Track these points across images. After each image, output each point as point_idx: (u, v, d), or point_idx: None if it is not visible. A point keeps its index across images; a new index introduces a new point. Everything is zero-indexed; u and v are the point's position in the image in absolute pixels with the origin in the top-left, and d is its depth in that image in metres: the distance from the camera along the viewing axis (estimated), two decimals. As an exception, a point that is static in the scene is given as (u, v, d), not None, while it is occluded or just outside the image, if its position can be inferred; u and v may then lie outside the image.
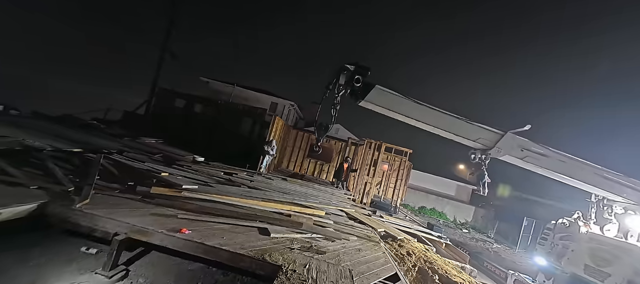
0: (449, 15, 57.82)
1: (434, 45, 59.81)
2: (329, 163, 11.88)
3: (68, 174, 2.87)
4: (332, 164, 11.89)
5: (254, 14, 51.82)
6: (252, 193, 4.14)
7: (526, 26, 51.85)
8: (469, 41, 56.27)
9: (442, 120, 3.01)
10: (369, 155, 8.46)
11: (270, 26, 55.72)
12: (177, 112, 11.49)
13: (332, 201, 5.46)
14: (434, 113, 3.00)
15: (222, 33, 45.67)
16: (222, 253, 2.25)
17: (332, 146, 12.01)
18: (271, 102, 17.47)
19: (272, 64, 57.90)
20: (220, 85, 16.79)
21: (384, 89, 3.01)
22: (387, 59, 56.16)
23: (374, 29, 63.25)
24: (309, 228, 3.38)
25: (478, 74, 54.39)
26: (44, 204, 2.15)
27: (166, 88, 12.07)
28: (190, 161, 5.70)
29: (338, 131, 17.72)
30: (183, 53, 13.68)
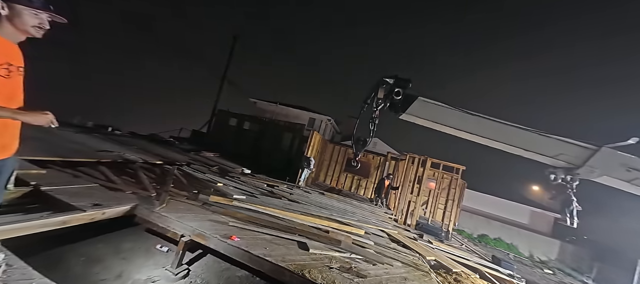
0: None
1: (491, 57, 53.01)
2: (367, 178, 11.44)
3: (152, 181, 3.53)
4: (370, 179, 11.42)
5: (298, 43, 56.70)
6: (292, 206, 4.28)
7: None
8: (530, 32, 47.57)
9: (503, 133, 2.59)
10: (411, 171, 7.80)
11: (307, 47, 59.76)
12: (230, 129, 13.06)
13: (372, 220, 5.18)
14: (492, 125, 2.63)
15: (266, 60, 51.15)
16: (266, 263, 2.35)
17: (370, 161, 11.60)
18: (309, 118, 18.26)
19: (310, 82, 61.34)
20: (265, 104, 18.53)
21: (427, 100, 2.83)
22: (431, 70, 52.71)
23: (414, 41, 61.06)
24: (347, 246, 3.27)
25: (545, 72, 45.13)
26: (134, 206, 2.67)
27: (223, 109, 13.96)
28: (239, 173, 6.31)
29: (376, 145, 17.10)
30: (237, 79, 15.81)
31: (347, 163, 11.65)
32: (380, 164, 11.27)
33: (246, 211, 3.39)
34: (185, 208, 2.99)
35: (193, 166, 5.44)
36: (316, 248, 2.88)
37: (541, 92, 43.24)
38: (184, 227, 2.52)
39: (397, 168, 9.64)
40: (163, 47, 38.20)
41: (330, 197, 6.39)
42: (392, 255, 3.45)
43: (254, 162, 9.83)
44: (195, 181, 4.31)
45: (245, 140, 12.64)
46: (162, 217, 2.60)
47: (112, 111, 25.03)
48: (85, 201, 2.41)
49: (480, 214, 16.25)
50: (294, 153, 12.27)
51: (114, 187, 3.01)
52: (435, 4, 58.40)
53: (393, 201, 8.52)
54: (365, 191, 11.30)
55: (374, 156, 11.63)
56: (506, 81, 45.24)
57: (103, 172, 3.39)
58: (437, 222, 8.21)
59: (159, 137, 10.38)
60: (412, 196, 7.54)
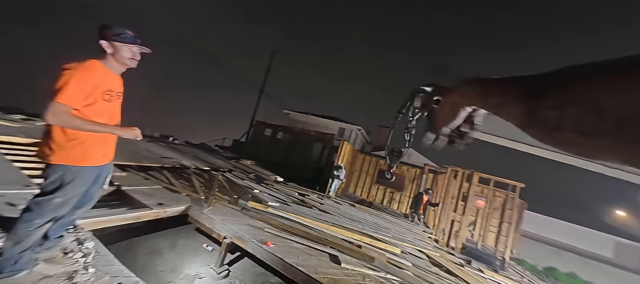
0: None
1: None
2: (401, 192, 10.70)
3: (201, 185, 3.99)
4: (404, 193, 10.66)
5: (328, 62, 59.08)
6: (323, 216, 4.28)
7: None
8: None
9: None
10: (454, 186, 7.02)
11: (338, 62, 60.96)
12: (265, 139, 13.97)
13: (408, 238, 4.79)
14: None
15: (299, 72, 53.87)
16: (298, 273, 2.39)
17: (405, 173, 10.87)
18: (339, 128, 18.29)
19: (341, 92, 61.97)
20: (297, 115, 19.34)
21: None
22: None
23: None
24: (382, 264, 3.08)
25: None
26: (188, 207, 3.04)
27: (259, 120, 15.09)
28: (273, 181, 6.64)
29: (410, 156, 16.00)
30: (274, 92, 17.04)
31: (378, 174, 11.16)
32: (416, 177, 10.46)
33: (280, 219, 3.52)
34: (227, 211, 3.27)
35: (234, 173, 5.95)
36: (348, 262, 2.79)
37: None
38: (226, 229, 2.75)
39: (436, 182, 8.80)
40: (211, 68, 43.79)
41: (362, 210, 6.17)
42: (434, 281, 3.11)
43: (286, 170, 10.22)
44: (236, 186, 4.70)
45: (278, 149, 13.32)
46: (209, 218, 2.90)
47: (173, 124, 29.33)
48: (152, 200, 2.85)
49: (546, 242, 13.43)
50: (324, 163, 12.36)
51: (173, 190, 3.50)
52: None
53: (432, 219, 7.74)
54: (398, 205, 10.57)
55: (408, 167, 10.88)
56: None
57: (165, 176, 3.97)
58: (488, 247, 7.09)
59: (207, 146, 11.73)
60: (456, 214, 6.71)
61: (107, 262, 1.66)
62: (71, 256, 1.56)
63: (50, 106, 1.15)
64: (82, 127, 1.25)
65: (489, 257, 5.96)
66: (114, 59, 1.37)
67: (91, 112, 1.29)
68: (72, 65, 1.23)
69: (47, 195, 1.26)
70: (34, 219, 1.23)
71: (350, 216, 4.98)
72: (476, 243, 6.90)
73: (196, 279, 2.50)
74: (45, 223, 1.28)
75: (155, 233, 2.93)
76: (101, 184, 1.54)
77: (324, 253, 2.95)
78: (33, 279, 1.29)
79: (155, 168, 4.38)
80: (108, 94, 1.35)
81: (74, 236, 1.74)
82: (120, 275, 1.58)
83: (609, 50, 24.51)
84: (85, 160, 1.32)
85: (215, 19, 48.65)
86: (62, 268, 1.46)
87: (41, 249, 1.44)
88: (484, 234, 7.49)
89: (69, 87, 1.18)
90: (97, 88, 1.29)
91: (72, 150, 1.27)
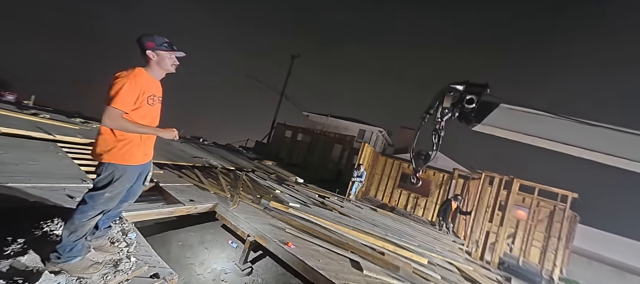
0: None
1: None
2: (427, 197, 10.09)
3: (227, 184, 4.20)
4: (430, 198, 10.04)
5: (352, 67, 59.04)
6: (343, 220, 4.20)
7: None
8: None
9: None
10: (489, 194, 6.40)
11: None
12: (286, 141, 14.29)
13: (436, 248, 4.47)
14: (623, 137, 1.88)
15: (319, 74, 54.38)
16: (319, 277, 2.36)
17: (431, 178, 10.24)
18: (359, 129, 17.95)
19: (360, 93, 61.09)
20: (316, 117, 19.46)
21: (514, 107, 2.30)
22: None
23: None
24: (407, 275, 2.91)
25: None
26: (215, 204, 3.22)
27: (280, 122, 15.50)
28: (293, 182, 6.73)
29: (437, 160, 15.02)
30: (295, 94, 17.41)
31: (401, 178, 10.68)
32: (443, 182, 9.80)
33: (301, 220, 3.54)
34: (250, 210, 3.38)
35: (256, 173, 6.16)
36: (371, 269, 2.69)
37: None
38: (250, 228, 2.84)
39: (468, 189, 8.13)
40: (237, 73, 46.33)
41: (384, 215, 5.94)
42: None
43: (306, 172, 10.31)
44: (258, 186, 4.85)
45: (298, 151, 13.50)
46: (234, 216, 3.02)
47: (203, 125, 31.54)
48: (184, 197, 3.07)
49: (606, 262, 11.57)
50: (344, 165, 12.20)
51: (203, 187, 3.73)
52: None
53: (463, 229, 7.15)
54: (424, 211, 9.99)
55: (435, 172, 10.23)
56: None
57: (196, 174, 4.26)
58: (531, 264, 6.31)
59: (232, 147, 12.37)
60: (492, 225, 6.10)
61: (146, 253, 1.81)
62: (117, 245, 1.73)
63: (107, 111, 1.30)
64: (132, 130, 1.39)
65: (533, 275, 5.31)
66: (158, 66, 1.50)
67: (137, 116, 1.43)
68: (122, 74, 1.37)
69: (99, 190, 1.41)
70: (88, 211, 1.39)
71: (372, 221, 4.83)
72: (517, 259, 6.20)
73: (222, 274, 2.62)
74: (97, 214, 1.43)
75: (186, 227, 3.15)
76: (143, 180, 1.69)
77: (345, 257, 2.88)
78: (85, 265, 1.45)
79: (188, 167, 4.73)
80: (151, 99, 1.49)
81: (119, 227, 1.93)
82: (157, 266, 1.71)
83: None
84: (130, 159, 1.46)
85: (239, 22, 51.48)
86: (110, 255, 1.62)
87: (92, 238, 1.62)
88: (526, 248, 6.69)
89: (121, 93, 1.32)
90: (143, 93, 1.43)
91: (120, 150, 1.41)
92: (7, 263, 1.29)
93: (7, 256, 1.32)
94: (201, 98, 42.22)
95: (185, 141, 8.52)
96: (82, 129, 4.89)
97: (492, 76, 46.91)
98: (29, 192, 2.05)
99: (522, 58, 49.77)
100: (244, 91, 43.78)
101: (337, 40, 62.08)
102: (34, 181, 2.26)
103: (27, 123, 4.03)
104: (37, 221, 1.66)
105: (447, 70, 56.51)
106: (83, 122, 5.50)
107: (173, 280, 1.65)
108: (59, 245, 1.38)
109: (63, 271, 1.37)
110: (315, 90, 53.11)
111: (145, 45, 1.45)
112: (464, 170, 9.55)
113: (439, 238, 5.39)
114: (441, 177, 9.95)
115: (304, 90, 41.09)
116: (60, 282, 1.32)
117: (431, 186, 10.19)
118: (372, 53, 64.25)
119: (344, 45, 62.55)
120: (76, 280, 1.37)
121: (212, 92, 44.13)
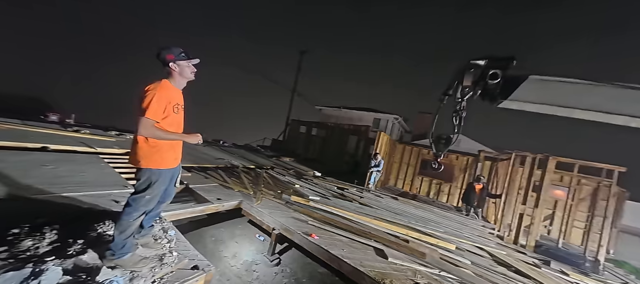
0: None
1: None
2: (450, 183, 9.70)
3: (249, 182, 4.39)
4: (454, 183, 9.63)
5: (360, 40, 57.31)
6: (364, 210, 4.20)
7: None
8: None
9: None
10: (520, 175, 5.97)
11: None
12: (301, 136, 14.45)
13: (464, 233, 4.32)
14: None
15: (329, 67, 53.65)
16: (345, 265, 2.41)
17: (454, 162, 9.79)
18: (374, 118, 17.54)
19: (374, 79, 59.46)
20: (330, 110, 19.33)
21: (546, 78, 2.09)
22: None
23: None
24: (434, 261, 2.86)
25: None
26: (240, 201, 3.39)
27: (294, 118, 15.67)
28: (311, 176, 6.83)
29: (459, 143, 14.26)
30: (306, 90, 17.44)
31: (422, 165, 10.35)
32: (468, 166, 9.32)
33: (322, 212, 3.61)
34: (273, 205, 3.51)
35: (275, 170, 6.34)
36: (396, 257, 2.69)
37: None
38: (274, 222, 2.96)
39: (496, 171, 7.65)
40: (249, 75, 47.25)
41: (405, 203, 5.83)
42: (499, 282, 2.75)
43: (323, 165, 10.38)
44: (278, 182, 5.01)
45: (313, 145, 13.61)
46: (258, 211, 3.17)
47: (222, 128, 32.96)
48: (212, 196, 3.27)
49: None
50: (360, 156, 12.08)
51: (227, 186, 3.94)
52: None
53: (492, 213, 6.79)
54: (448, 197, 9.63)
55: (458, 155, 9.75)
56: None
57: (220, 175, 4.50)
58: (572, 246, 5.85)
59: (250, 146, 12.81)
60: (526, 207, 5.71)
61: (185, 248, 1.98)
62: (159, 242, 1.91)
63: (141, 121, 1.43)
64: (163, 137, 1.52)
65: (575, 257, 4.92)
66: (180, 76, 1.60)
67: (166, 124, 1.55)
68: (150, 87, 1.49)
69: (140, 193, 1.56)
70: (132, 212, 1.55)
71: (393, 210, 4.77)
72: (556, 241, 5.78)
73: (253, 265, 2.79)
74: (140, 215, 1.59)
75: (217, 224, 3.36)
76: (175, 183, 1.83)
77: (369, 246, 2.90)
78: (135, 260, 1.63)
79: (212, 168, 5.00)
80: (176, 107, 1.60)
81: (160, 226, 2.12)
82: (195, 259, 1.87)
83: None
84: (163, 164, 1.59)
85: (248, 22, 52.11)
86: (154, 251, 1.80)
87: (139, 236, 1.81)
88: (567, 230, 6.19)
89: (152, 104, 1.44)
90: (169, 103, 1.54)
91: (154, 156, 1.54)
92: (72, 261, 1.49)
93: (70, 256, 1.52)
94: (217, 102, 44.12)
95: (207, 144, 8.98)
96: (118, 140, 5.37)
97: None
98: (82, 200, 2.32)
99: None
100: (256, 90, 44.86)
101: (346, 25, 60.23)
102: (84, 189, 2.55)
103: (72, 139, 4.51)
104: (91, 224, 1.89)
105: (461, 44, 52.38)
106: (118, 135, 6.03)
107: (211, 271, 1.79)
108: (112, 244, 1.56)
109: (118, 266, 1.55)
110: (326, 83, 52.69)
111: (166, 58, 1.55)
112: (491, 151, 8.99)
113: (466, 223, 5.19)
114: (465, 161, 9.47)
115: (314, 84, 41.10)
116: (117, 275, 1.50)
117: (454, 171, 9.76)
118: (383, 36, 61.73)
119: (354, 31, 60.64)
120: (129, 273, 1.54)
121: (227, 94, 45.83)
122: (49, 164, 3.01)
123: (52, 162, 3.09)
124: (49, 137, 4.26)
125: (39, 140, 3.81)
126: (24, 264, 1.35)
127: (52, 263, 1.40)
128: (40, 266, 1.33)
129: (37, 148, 3.56)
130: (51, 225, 1.73)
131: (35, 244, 1.55)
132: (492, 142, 14.61)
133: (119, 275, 1.49)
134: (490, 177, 7.90)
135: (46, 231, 1.66)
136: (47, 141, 3.84)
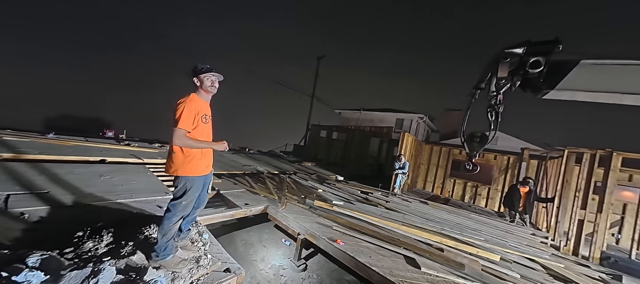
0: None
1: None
2: (489, 185, 8.80)
3: (274, 187, 4.51)
4: (493, 186, 8.71)
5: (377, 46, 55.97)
6: (391, 215, 4.01)
7: None
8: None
9: None
10: (577, 175, 5.16)
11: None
12: (322, 141, 14.49)
13: (510, 242, 3.86)
14: None
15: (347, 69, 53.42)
16: (373, 273, 2.30)
17: (491, 162, 8.89)
18: (396, 119, 16.83)
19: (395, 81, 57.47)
20: (349, 113, 19.11)
21: (603, 61, 1.77)
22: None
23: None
24: (475, 273, 2.59)
25: None
26: (266, 207, 3.49)
27: (315, 123, 15.82)
28: (334, 180, 6.77)
29: (497, 140, 12.93)
30: (325, 94, 17.55)
31: (453, 166, 9.58)
32: (509, 166, 8.39)
33: (346, 217, 3.53)
34: (298, 210, 3.54)
35: (298, 175, 6.43)
36: (429, 267, 2.49)
37: None
38: (299, 227, 2.98)
39: (545, 171, 6.75)
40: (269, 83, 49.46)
41: (437, 207, 5.43)
42: (557, 299, 2.37)
43: (345, 169, 10.24)
44: (302, 186, 5.05)
45: (335, 149, 13.53)
46: (284, 216, 3.22)
47: (247, 136, 34.75)
48: (241, 201, 3.42)
49: None
50: (384, 158, 11.65)
51: (254, 192, 4.09)
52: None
53: (544, 219, 5.97)
54: (487, 202, 8.73)
55: (497, 155, 8.83)
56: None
57: (247, 181, 4.71)
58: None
59: (274, 152, 13.24)
60: (586, 212, 4.90)
61: (218, 251, 2.09)
62: (196, 245, 2.04)
63: (174, 132, 1.58)
64: (195, 146, 1.66)
65: (657, 273, 4.04)
66: (203, 90, 1.73)
67: (196, 133, 1.68)
68: (181, 100, 1.64)
69: (177, 199, 1.70)
70: (172, 217, 1.69)
71: (424, 215, 4.47)
72: (628, 251, 4.85)
73: (281, 270, 2.83)
74: (178, 219, 1.72)
75: (246, 228, 3.50)
76: (207, 189, 1.95)
77: (398, 254, 2.75)
78: (176, 261, 1.76)
79: (240, 174, 5.26)
80: (204, 118, 1.72)
81: (196, 229, 2.28)
82: (227, 262, 1.95)
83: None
84: (196, 171, 1.71)
85: (267, 28, 54.21)
86: (192, 253, 1.93)
87: (178, 240, 1.96)
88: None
89: (183, 115, 1.59)
90: (198, 114, 1.68)
91: (188, 164, 1.67)
92: (124, 262, 1.66)
93: (122, 256, 1.70)
94: (241, 111, 46.59)
95: (234, 152, 9.50)
96: (161, 151, 5.96)
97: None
98: (132, 206, 2.61)
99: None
100: (276, 97, 46.50)
101: (363, 24, 59.17)
102: (134, 196, 2.86)
103: (124, 152, 5.14)
104: (140, 228, 2.10)
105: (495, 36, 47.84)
106: (160, 146, 6.70)
107: (241, 275, 1.86)
108: (156, 246, 1.71)
109: (161, 266, 1.69)
110: (345, 86, 52.44)
111: (191, 73, 1.71)
112: (537, 149, 7.98)
113: (511, 230, 4.63)
114: (506, 161, 8.54)
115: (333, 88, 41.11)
116: (160, 275, 1.63)
117: (493, 172, 8.86)
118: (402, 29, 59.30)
119: (372, 24, 58.97)
120: (171, 273, 1.67)
121: (249, 103, 48.15)
122: (106, 175, 3.45)
123: (108, 173, 3.54)
124: (106, 151, 4.91)
125: (98, 154, 4.42)
126: (85, 263, 1.54)
127: (108, 263, 1.58)
128: (98, 265, 1.51)
129: (97, 161, 4.12)
130: (107, 228, 1.97)
131: (95, 245, 1.77)
132: (529, 136, 12.97)
133: (162, 275, 1.62)
134: (538, 177, 6.99)
135: (104, 234, 1.89)
136: (104, 155, 4.43)
